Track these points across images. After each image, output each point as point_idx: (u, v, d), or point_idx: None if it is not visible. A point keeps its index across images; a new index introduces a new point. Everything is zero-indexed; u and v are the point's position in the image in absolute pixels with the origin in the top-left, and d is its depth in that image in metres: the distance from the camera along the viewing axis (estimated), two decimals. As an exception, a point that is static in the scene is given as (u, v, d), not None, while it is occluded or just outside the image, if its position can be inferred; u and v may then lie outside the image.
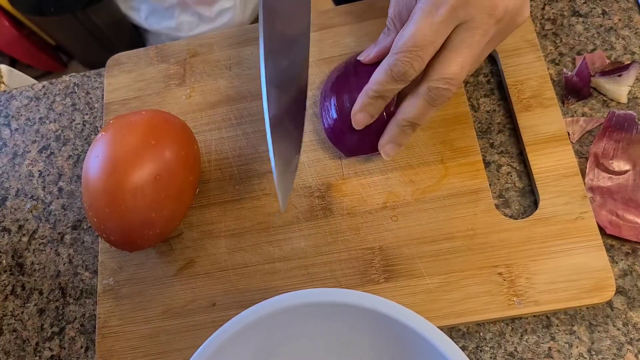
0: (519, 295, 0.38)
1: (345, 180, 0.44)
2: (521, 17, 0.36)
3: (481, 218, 0.41)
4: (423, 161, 0.43)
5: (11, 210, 0.49)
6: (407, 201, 0.42)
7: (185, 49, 0.51)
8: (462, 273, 0.40)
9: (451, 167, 0.43)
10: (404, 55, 0.35)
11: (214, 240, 0.44)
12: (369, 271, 0.41)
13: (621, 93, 0.44)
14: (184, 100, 0.49)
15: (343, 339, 0.35)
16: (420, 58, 0.35)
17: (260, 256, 0.43)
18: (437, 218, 0.42)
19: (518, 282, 0.39)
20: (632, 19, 0.46)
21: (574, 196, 0.40)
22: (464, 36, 0.35)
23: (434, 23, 0.34)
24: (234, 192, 0.45)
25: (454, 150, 0.43)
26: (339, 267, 0.42)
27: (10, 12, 1.28)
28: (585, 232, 0.39)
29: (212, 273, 0.43)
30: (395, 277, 0.40)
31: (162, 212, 0.40)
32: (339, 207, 0.43)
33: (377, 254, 0.41)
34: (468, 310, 0.39)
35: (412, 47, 0.34)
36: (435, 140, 0.44)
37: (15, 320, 0.46)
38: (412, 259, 0.41)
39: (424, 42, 0.34)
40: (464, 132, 0.44)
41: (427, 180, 0.43)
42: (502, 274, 0.39)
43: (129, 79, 0.51)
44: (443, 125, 0.44)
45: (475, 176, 0.42)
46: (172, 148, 0.41)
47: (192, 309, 0.42)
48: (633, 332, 0.38)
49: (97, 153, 0.40)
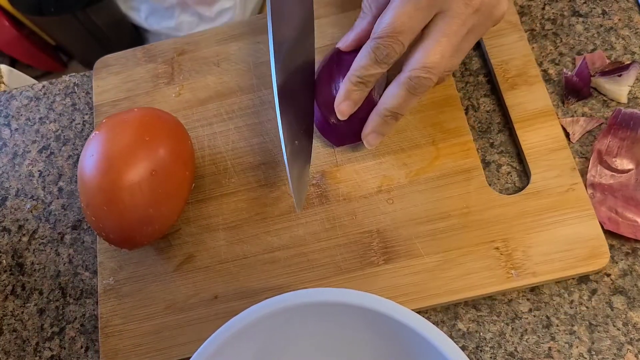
0: (517, 268, 0.39)
1: (339, 167, 0.45)
2: (498, 11, 0.37)
3: (475, 196, 0.42)
4: (415, 144, 0.44)
5: (11, 210, 0.49)
6: (402, 184, 0.43)
7: (172, 47, 0.51)
8: (459, 250, 0.40)
9: (443, 148, 0.44)
10: (385, 40, 0.36)
11: (212, 233, 0.44)
12: (368, 254, 0.42)
13: (621, 93, 0.44)
14: (173, 98, 0.50)
15: (343, 339, 0.35)
16: (400, 42, 0.36)
17: (260, 246, 0.43)
18: (432, 198, 0.42)
19: (515, 255, 0.40)
20: (632, 19, 0.47)
21: (564, 169, 0.41)
22: (442, 25, 0.36)
23: (413, 10, 0.35)
24: (230, 185, 0.46)
25: (444, 132, 0.44)
26: (338, 252, 0.42)
27: (10, 12, 1.27)
28: (577, 203, 0.40)
29: (212, 266, 0.43)
30: (395, 259, 0.41)
31: (160, 208, 0.40)
32: (335, 193, 0.44)
33: (375, 237, 0.42)
34: (468, 286, 0.39)
35: (392, 32, 0.35)
36: (426, 123, 0.45)
37: (15, 320, 0.46)
38: (410, 240, 0.41)
39: (403, 27, 0.35)
40: (453, 113, 0.44)
41: (419, 162, 0.43)
42: (499, 249, 0.40)
43: (118, 80, 0.51)
44: (432, 108, 0.45)
45: (466, 155, 0.43)
46: (166, 144, 0.41)
47: (194, 303, 0.43)
48: (633, 332, 0.38)
49: (91, 152, 0.40)
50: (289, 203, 0.44)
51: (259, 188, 0.45)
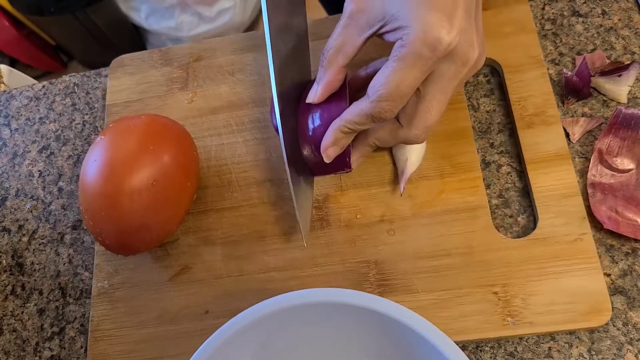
0: (514, 316, 0.38)
1: (343, 191, 0.44)
2: (480, 66, 0.37)
3: (479, 235, 0.41)
4: (422, 175, 0.43)
5: (11, 210, 0.49)
6: (405, 215, 0.42)
7: (188, 52, 0.51)
8: (457, 291, 0.39)
9: (450, 183, 0.42)
10: (388, 103, 0.35)
11: (210, 247, 0.44)
12: (363, 284, 0.41)
13: (621, 93, 0.43)
14: (185, 105, 0.49)
15: (342, 339, 0.35)
16: (402, 104, 0.35)
17: (256, 265, 0.43)
18: (435, 234, 0.41)
19: (513, 302, 0.38)
20: (632, 19, 0.46)
21: (574, 217, 0.40)
22: (442, 85, 0.35)
23: (419, 73, 0.34)
24: (232, 199, 0.45)
25: (453, 166, 0.43)
26: (334, 279, 0.41)
27: (10, 12, 1.29)
28: (584, 254, 0.39)
29: (207, 280, 0.43)
30: (390, 292, 0.40)
31: (159, 216, 0.40)
32: (336, 218, 0.43)
33: (372, 267, 0.41)
34: (462, 329, 0.38)
35: (397, 96, 0.34)
36: (436, 155, 0.43)
37: (15, 320, 0.46)
38: (408, 274, 0.40)
39: (408, 90, 0.34)
40: (464, 147, 0.43)
41: (425, 194, 0.42)
42: (498, 294, 0.39)
43: (132, 81, 0.51)
44: (444, 140, 0.44)
45: (474, 193, 0.42)
46: (171, 153, 0.41)
47: (186, 315, 0.42)
48: (633, 332, 0.38)
49: (95, 157, 0.40)
50: (289, 223, 0.44)
51: (261, 205, 0.45)
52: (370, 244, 0.42)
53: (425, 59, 0.33)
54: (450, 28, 0.33)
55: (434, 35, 0.32)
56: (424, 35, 0.32)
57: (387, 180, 0.43)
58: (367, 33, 0.36)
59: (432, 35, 0.32)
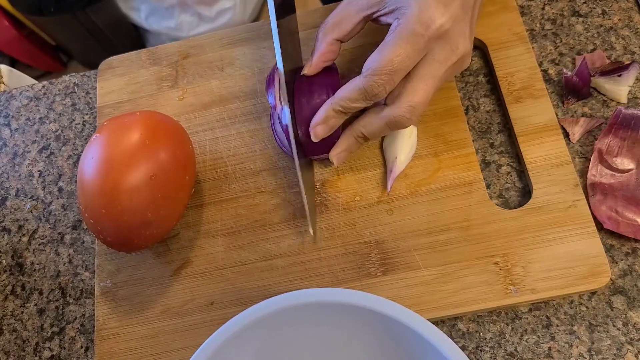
0: (516, 284, 0.39)
1: (340, 176, 0.44)
2: (466, 64, 0.39)
3: (476, 209, 0.41)
4: (417, 154, 0.44)
5: (11, 210, 0.49)
6: (402, 195, 0.43)
7: (177, 50, 0.51)
8: (458, 264, 0.40)
9: (445, 160, 0.43)
10: (380, 77, 0.36)
11: (211, 239, 0.44)
12: (366, 265, 0.41)
13: (621, 93, 0.44)
14: (176, 102, 0.49)
15: (343, 339, 0.35)
16: (393, 81, 0.36)
17: (258, 254, 0.43)
18: (432, 210, 0.42)
19: (514, 271, 0.39)
20: (632, 19, 0.47)
21: (567, 185, 0.41)
22: (431, 68, 0.36)
23: (411, 50, 0.35)
24: (230, 191, 0.45)
25: (447, 144, 0.44)
26: (336, 262, 0.42)
27: (10, 12, 1.28)
28: (579, 219, 0.40)
29: (210, 272, 0.43)
30: (393, 270, 0.41)
31: (159, 212, 0.40)
32: (335, 202, 0.43)
33: (373, 247, 0.42)
34: (466, 301, 0.39)
35: (390, 70, 0.35)
36: (429, 134, 0.44)
37: (15, 320, 0.46)
38: (409, 252, 0.41)
39: (401, 66, 0.35)
40: (456, 125, 0.44)
41: (421, 173, 0.43)
42: (499, 264, 0.39)
43: (122, 82, 0.51)
44: (435, 119, 0.45)
45: (468, 168, 0.43)
46: (167, 148, 0.41)
47: (191, 308, 0.42)
48: (633, 332, 0.38)
49: (92, 155, 0.40)
50: (288, 211, 0.44)
51: (259, 195, 0.45)
52: (370, 225, 0.42)
53: (418, 35, 0.35)
54: (444, 11, 0.35)
55: (428, 15, 0.34)
56: (419, 13, 0.34)
57: (382, 162, 0.44)
58: (366, 12, 0.38)
59: (427, 14, 0.34)
